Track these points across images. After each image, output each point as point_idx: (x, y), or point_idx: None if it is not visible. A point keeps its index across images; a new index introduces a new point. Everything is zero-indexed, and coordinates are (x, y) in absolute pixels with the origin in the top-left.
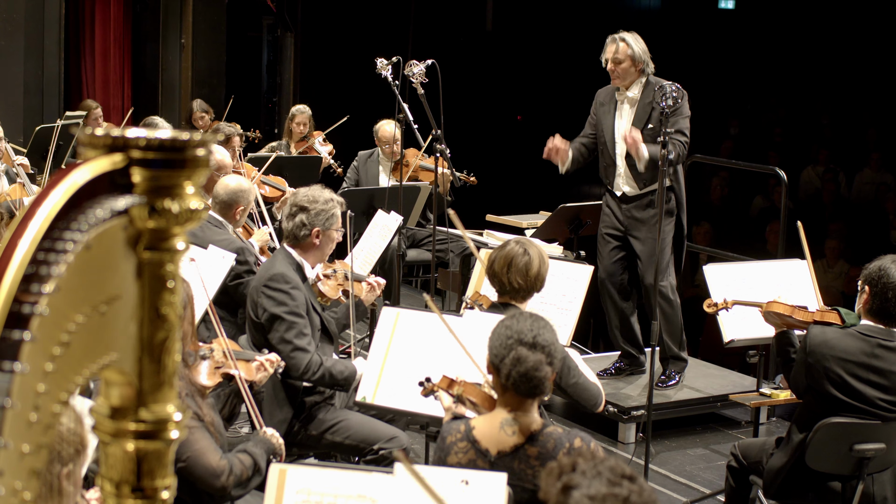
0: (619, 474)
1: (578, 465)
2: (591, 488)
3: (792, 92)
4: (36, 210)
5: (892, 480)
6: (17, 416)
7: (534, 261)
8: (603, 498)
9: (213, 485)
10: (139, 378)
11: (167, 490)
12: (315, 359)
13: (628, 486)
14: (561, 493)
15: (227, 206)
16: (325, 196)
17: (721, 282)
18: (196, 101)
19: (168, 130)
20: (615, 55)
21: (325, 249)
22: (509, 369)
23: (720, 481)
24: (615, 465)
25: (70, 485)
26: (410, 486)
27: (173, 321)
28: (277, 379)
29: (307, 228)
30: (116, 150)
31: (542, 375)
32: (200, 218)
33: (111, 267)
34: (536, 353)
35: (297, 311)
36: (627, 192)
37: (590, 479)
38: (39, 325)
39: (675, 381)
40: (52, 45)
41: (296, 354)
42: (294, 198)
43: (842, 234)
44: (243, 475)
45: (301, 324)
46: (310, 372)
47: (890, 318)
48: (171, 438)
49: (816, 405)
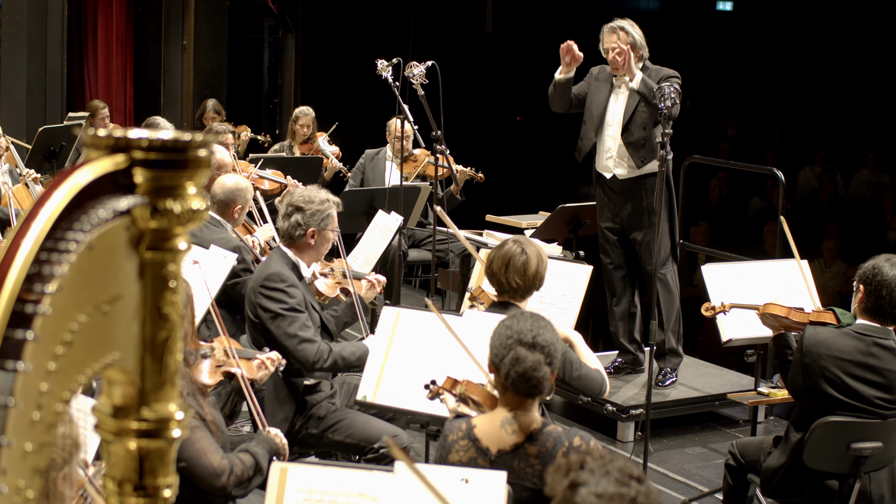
0: (629, 475)
1: (587, 463)
2: (599, 486)
3: (789, 93)
4: (39, 210)
5: (889, 478)
6: (20, 415)
7: (531, 260)
8: (610, 497)
9: (214, 485)
10: (141, 377)
11: (169, 488)
12: (323, 347)
13: (636, 487)
14: (568, 489)
15: (225, 206)
16: (321, 196)
17: (719, 282)
18: (210, 101)
19: (170, 131)
20: (617, 44)
21: (321, 249)
22: (508, 369)
23: (718, 480)
24: (624, 465)
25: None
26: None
27: (175, 321)
28: (279, 378)
29: (302, 228)
30: (119, 150)
31: (541, 375)
32: (202, 218)
33: (114, 267)
34: (535, 354)
35: (296, 307)
36: (620, 174)
37: (598, 478)
38: (42, 325)
39: (672, 380)
40: (55, 45)
41: (303, 346)
42: (290, 198)
43: (839, 235)
44: (244, 475)
45: (302, 317)
46: (320, 361)
47: (885, 317)
48: (173, 437)
49: (814, 404)
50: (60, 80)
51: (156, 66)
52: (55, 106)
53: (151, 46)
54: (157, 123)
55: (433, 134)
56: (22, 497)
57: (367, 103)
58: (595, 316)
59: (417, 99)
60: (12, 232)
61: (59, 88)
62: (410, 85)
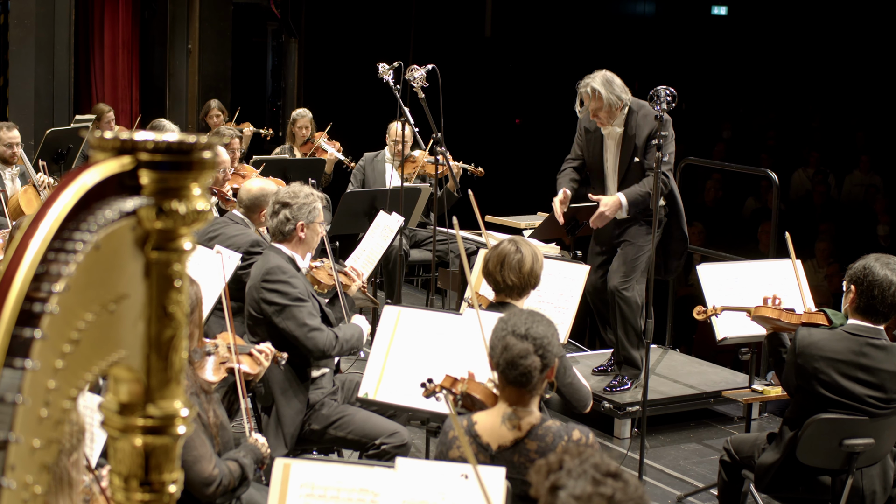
0: (604, 472)
1: (565, 463)
2: (577, 488)
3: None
4: (46, 211)
5: (881, 474)
6: (28, 412)
7: (526, 258)
8: (589, 497)
9: (203, 493)
10: (147, 375)
11: (174, 484)
12: (329, 334)
13: (612, 483)
14: (549, 493)
15: (251, 210)
16: (306, 191)
17: (714, 281)
18: (214, 101)
19: (175, 134)
20: (594, 104)
21: (312, 242)
22: (498, 357)
23: (713, 475)
24: (599, 462)
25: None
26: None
27: (180, 319)
28: (291, 374)
29: (291, 223)
30: (125, 152)
31: (529, 363)
32: (207, 219)
33: (120, 266)
34: (525, 343)
35: (300, 297)
36: (619, 215)
37: (575, 479)
38: (50, 323)
39: (626, 388)
40: (63, 49)
41: (313, 335)
42: (276, 196)
43: (832, 235)
44: (230, 485)
45: (308, 306)
46: (329, 347)
47: (878, 316)
48: (178, 434)
49: (807, 402)
50: (68, 83)
51: (161, 69)
52: (62, 109)
53: (157, 50)
54: (163, 126)
55: (434, 136)
56: (30, 492)
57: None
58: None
59: (418, 101)
60: (20, 232)
61: (66, 92)
62: (411, 88)
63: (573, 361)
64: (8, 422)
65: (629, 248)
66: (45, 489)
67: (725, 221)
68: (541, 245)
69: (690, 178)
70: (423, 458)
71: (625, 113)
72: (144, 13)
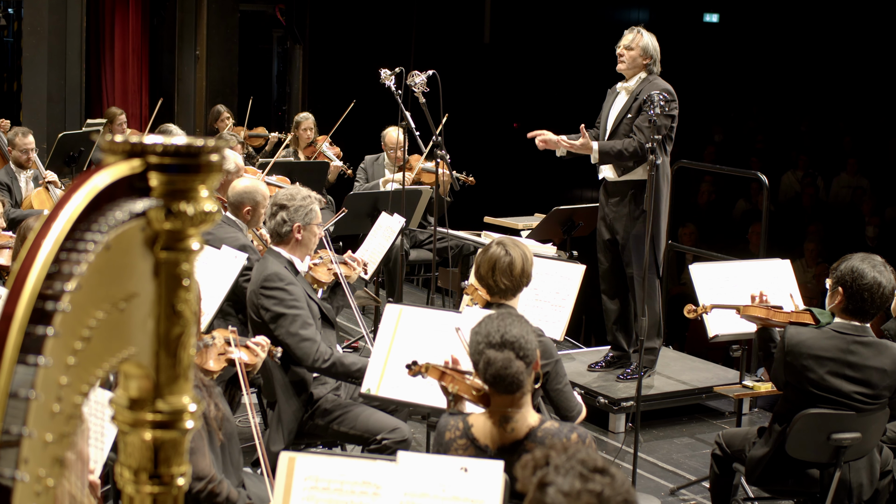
0: (591, 468)
1: (551, 459)
2: (565, 485)
3: (773, 101)
4: (59, 212)
5: (868, 467)
6: (40, 407)
7: (516, 260)
8: (577, 494)
9: (193, 486)
10: (156, 371)
11: (182, 477)
12: (323, 348)
13: (600, 479)
14: (537, 489)
15: (236, 208)
16: (303, 193)
17: (706, 280)
18: (221, 105)
19: (183, 137)
20: (629, 43)
21: (310, 244)
22: (483, 373)
23: (705, 469)
24: (586, 457)
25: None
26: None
27: (189, 317)
28: (292, 373)
29: (288, 225)
30: (135, 155)
31: (514, 371)
32: (214, 220)
33: (130, 266)
34: (504, 352)
35: (296, 305)
36: (608, 177)
37: (563, 476)
38: (62, 321)
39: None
40: (74, 55)
41: (303, 345)
42: (273, 198)
43: (820, 236)
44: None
45: (303, 314)
46: (319, 361)
47: (867, 316)
48: (187, 428)
49: (796, 398)
50: (79, 89)
51: (170, 75)
52: (74, 113)
53: (166, 57)
54: (170, 130)
55: (434, 139)
56: (42, 485)
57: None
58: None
59: (419, 106)
60: (34, 232)
61: (77, 97)
62: (412, 93)
63: (569, 358)
64: (21, 417)
65: (629, 238)
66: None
67: (717, 222)
68: (538, 245)
69: (683, 180)
70: (423, 452)
71: (641, 77)
72: (154, 20)
